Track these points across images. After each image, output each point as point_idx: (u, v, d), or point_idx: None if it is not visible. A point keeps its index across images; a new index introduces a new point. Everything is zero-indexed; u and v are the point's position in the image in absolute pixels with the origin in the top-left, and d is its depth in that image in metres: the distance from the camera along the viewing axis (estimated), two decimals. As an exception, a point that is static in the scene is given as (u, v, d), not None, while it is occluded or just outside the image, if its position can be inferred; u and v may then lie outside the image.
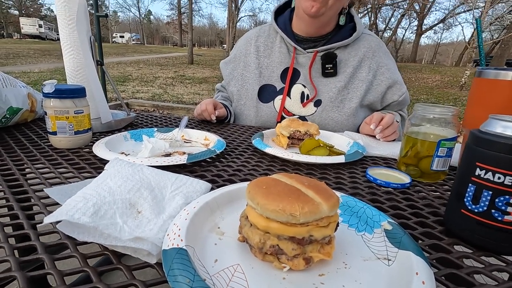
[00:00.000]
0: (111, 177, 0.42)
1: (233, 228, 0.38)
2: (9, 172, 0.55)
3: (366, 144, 0.80)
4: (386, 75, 0.95)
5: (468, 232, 0.38)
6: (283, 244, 0.32)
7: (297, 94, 0.97)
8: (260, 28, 1.07)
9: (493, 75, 0.55)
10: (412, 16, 23.72)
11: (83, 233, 0.32)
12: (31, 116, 0.91)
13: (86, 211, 0.33)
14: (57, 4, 0.76)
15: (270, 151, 0.69)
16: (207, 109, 0.95)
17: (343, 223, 0.42)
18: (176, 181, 0.45)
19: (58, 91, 0.64)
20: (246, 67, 1.03)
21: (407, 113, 1.01)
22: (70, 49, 0.79)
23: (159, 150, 0.67)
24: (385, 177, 0.59)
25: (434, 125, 0.58)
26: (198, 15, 28.98)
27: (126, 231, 0.33)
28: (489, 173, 0.35)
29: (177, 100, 5.67)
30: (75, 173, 0.56)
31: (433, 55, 43.34)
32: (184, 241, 0.32)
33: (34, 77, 6.98)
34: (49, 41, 28.79)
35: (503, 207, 0.35)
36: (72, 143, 0.68)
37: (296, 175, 0.38)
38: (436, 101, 7.23)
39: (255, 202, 0.33)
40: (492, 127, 0.36)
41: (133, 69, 10.19)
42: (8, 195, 0.46)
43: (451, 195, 0.42)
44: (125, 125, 0.91)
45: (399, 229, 0.38)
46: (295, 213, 0.30)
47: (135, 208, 0.37)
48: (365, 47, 0.96)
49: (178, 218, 0.36)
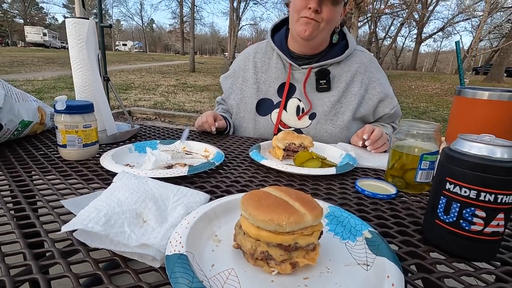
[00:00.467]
0: (119, 189, 0.46)
1: (229, 236, 0.42)
2: (23, 183, 0.59)
3: (358, 155, 0.84)
4: (377, 89, 1.00)
5: (441, 240, 0.42)
6: (272, 250, 0.36)
7: (293, 108, 1.02)
8: (258, 45, 1.13)
9: (471, 94, 0.60)
10: (412, 25, 24.01)
11: (95, 240, 0.36)
12: (40, 128, 0.96)
13: (98, 221, 0.37)
14: (68, 25, 0.82)
15: (266, 163, 0.73)
16: (208, 121, 1.00)
17: (330, 231, 0.46)
18: (177, 193, 0.50)
19: (68, 107, 0.69)
20: (245, 82, 1.09)
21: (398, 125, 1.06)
22: (79, 66, 0.84)
23: (161, 162, 0.71)
24: (373, 188, 0.64)
25: (418, 140, 0.63)
26: (200, 23, 29.46)
27: (133, 238, 0.37)
28: (457, 187, 0.39)
29: (179, 108, 5.74)
30: (84, 184, 0.61)
31: (433, 62, 43.67)
32: (185, 247, 0.36)
33: (38, 85, 7.09)
34: (53, 49, 29.20)
35: (470, 217, 0.39)
36: (80, 155, 0.73)
37: (286, 188, 0.42)
38: (435, 109, 7.28)
39: (248, 213, 0.37)
40: (460, 146, 0.41)
41: (136, 77, 10.33)
42: (25, 205, 0.51)
43: (427, 206, 0.46)
44: (129, 136, 0.96)
45: (378, 237, 0.42)
46: (282, 223, 0.34)
47: (141, 218, 0.42)
48: (358, 63, 1.01)
49: (180, 227, 0.41)
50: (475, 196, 0.38)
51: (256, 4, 15.35)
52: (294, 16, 0.94)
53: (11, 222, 0.45)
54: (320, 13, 0.90)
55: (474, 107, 0.59)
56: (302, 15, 0.91)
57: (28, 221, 0.46)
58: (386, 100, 1.01)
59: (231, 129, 1.12)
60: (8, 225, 0.45)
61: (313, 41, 0.96)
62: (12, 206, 0.50)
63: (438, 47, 42.37)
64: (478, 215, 0.38)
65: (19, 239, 0.41)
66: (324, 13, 0.90)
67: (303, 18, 0.91)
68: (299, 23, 0.93)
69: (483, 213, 0.38)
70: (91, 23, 0.82)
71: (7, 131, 0.79)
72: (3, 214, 0.48)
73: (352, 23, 12.13)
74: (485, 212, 0.38)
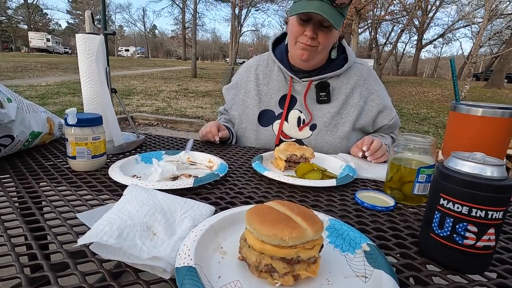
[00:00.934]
0: (130, 203, 0.49)
1: (234, 248, 0.45)
2: (36, 195, 0.62)
3: (358, 166, 0.87)
4: (376, 101, 1.03)
5: (436, 253, 0.45)
6: (275, 263, 0.38)
7: (294, 119, 1.05)
8: (259, 57, 1.16)
9: (465, 110, 0.62)
10: (412, 31, 24.19)
11: (109, 252, 0.39)
12: (49, 138, 0.98)
13: (112, 234, 0.40)
14: (78, 40, 0.85)
15: (268, 175, 0.76)
16: (211, 131, 1.03)
17: (330, 244, 0.48)
18: (184, 205, 0.52)
19: (79, 120, 0.72)
20: (247, 93, 1.12)
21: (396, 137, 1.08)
22: (88, 79, 0.87)
23: (167, 173, 0.74)
24: (372, 200, 0.66)
25: (415, 153, 0.65)
26: (202, 29, 29.77)
27: (144, 251, 0.39)
28: (450, 203, 0.42)
29: (180, 114, 5.79)
30: (94, 195, 0.63)
31: (434, 68, 43.85)
32: (193, 260, 0.38)
33: (41, 91, 7.16)
34: (56, 55, 29.49)
35: (462, 232, 0.41)
36: (89, 166, 0.76)
37: (288, 203, 0.44)
38: (436, 115, 7.30)
39: (252, 227, 0.39)
40: (453, 164, 0.43)
41: (138, 82, 10.42)
42: (39, 217, 0.53)
43: (423, 220, 0.48)
44: (135, 147, 0.98)
45: (376, 250, 0.44)
46: (285, 237, 0.37)
47: (151, 231, 0.44)
48: (357, 75, 1.04)
49: (187, 239, 0.43)
50: (467, 212, 0.40)
51: (257, 11, 15.54)
52: (292, 40, 0.98)
53: (27, 233, 0.48)
54: (317, 38, 0.93)
55: (468, 123, 0.62)
56: (299, 40, 0.95)
57: (43, 232, 0.48)
58: (385, 112, 1.04)
59: (234, 139, 1.15)
60: (22, 237, 0.47)
61: (311, 62, 1.01)
62: (25, 218, 0.53)
63: (438, 53, 42.59)
64: (470, 230, 0.41)
65: (35, 250, 0.44)
66: (320, 38, 0.94)
67: (300, 43, 0.95)
68: (296, 47, 0.97)
69: (475, 228, 0.40)
70: (101, 38, 0.85)
71: (18, 142, 0.82)
72: (19, 225, 0.50)
73: (353, 29, 12.24)
74: (477, 227, 0.40)
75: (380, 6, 16.98)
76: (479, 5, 14.58)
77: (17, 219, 0.52)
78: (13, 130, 0.78)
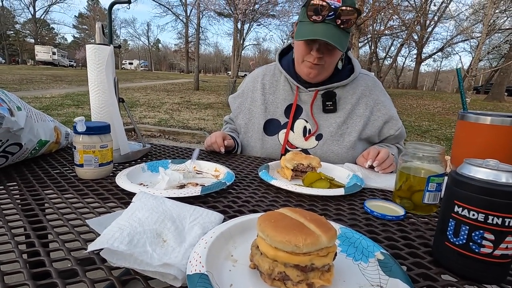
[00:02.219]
0: (139, 210, 0.48)
1: (244, 256, 0.44)
2: (42, 202, 0.61)
3: (365, 176, 0.86)
4: (382, 111, 1.04)
5: (451, 262, 0.43)
6: (289, 271, 0.37)
7: (300, 129, 1.05)
8: (266, 67, 1.18)
9: (473, 119, 0.62)
10: (411, 45, 24.56)
11: (120, 259, 0.38)
12: (56, 147, 0.99)
13: (122, 240, 0.39)
14: (89, 50, 0.87)
15: (275, 183, 0.75)
16: (217, 141, 1.03)
17: (342, 252, 0.47)
18: (193, 213, 0.52)
19: (88, 128, 0.73)
20: (253, 102, 1.12)
21: (404, 146, 1.08)
22: (96, 88, 0.89)
23: (174, 182, 0.73)
24: (381, 209, 0.65)
25: (424, 162, 0.65)
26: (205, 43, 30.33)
27: (155, 258, 0.39)
28: (465, 210, 0.41)
29: (183, 126, 5.82)
30: (101, 203, 0.63)
31: (434, 82, 44.24)
32: (205, 267, 0.37)
33: (46, 102, 7.24)
34: (61, 67, 30.01)
35: (479, 240, 0.40)
36: (96, 174, 0.75)
37: (300, 210, 0.44)
38: (438, 127, 7.30)
39: (265, 234, 0.39)
40: (466, 170, 0.43)
41: (141, 94, 10.53)
42: (46, 224, 0.52)
43: (436, 228, 0.47)
44: (141, 155, 0.98)
45: (390, 259, 0.43)
46: (299, 244, 0.36)
47: (161, 238, 0.43)
48: (363, 86, 1.05)
49: (198, 247, 0.42)
50: (483, 219, 0.40)
51: (259, 25, 15.84)
52: (299, 59, 0.99)
53: (34, 240, 0.47)
54: (323, 57, 0.94)
55: (477, 132, 0.62)
56: (306, 59, 0.97)
57: (50, 239, 0.48)
58: (391, 122, 1.04)
59: (239, 148, 1.15)
60: (33, 245, 0.46)
61: (318, 78, 1.02)
62: (32, 226, 0.52)
63: (438, 66, 43.07)
64: (487, 238, 0.40)
65: (44, 257, 0.43)
66: (326, 57, 0.95)
67: (307, 62, 0.96)
68: (303, 66, 0.99)
69: (492, 236, 0.40)
70: (111, 49, 0.87)
71: (26, 150, 0.82)
72: (27, 233, 0.49)
73: (353, 43, 12.45)
74: (494, 235, 0.39)
75: (379, 21, 17.32)
76: (477, 20, 14.86)
77: (24, 226, 0.51)
78: (22, 138, 0.78)
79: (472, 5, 16.26)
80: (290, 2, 13.32)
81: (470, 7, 16.82)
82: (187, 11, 20.12)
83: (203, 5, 12.64)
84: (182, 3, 19.69)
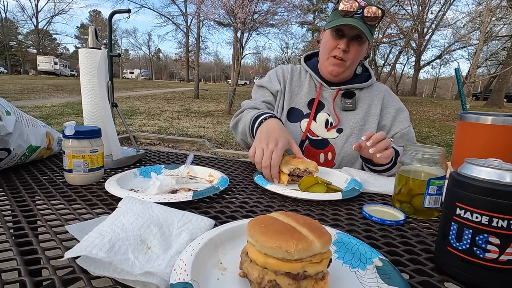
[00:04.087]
0: (124, 214, 0.46)
1: (234, 264, 0.41)
2: (27, 208, 0.59)
3: (363, 180, 0.83)
4: (393, 104, 1.10)
5: (454, 269, 0.41)
6: (280, 279, 0.35)
7: (322, 120, 1.09)
8: (292, 66, 1.23)
9: (474, 119, 0.60)
10: (410, 53, 24.74)
11: (99, 267, 0.35)
12: (47, 153, 0.97)
13: (102, 247, 0.37)
14: (81, 54, 0.86)
15: (270, 188, 0.73)
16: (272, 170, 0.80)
17: (338, 259, 0.45)
18: (182, 218, 0.49)
19: (76, 132, 0.71)
20: (281, 89, 1.15)
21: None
22: (89, 93, 0.87)
23: (166, 187, 0.71)
24: (381, 214, 0.62)
25: (424, 165, 0.62)
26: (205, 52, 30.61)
27: (137, 266, 0.36)
28: (467, 212, 0.39)
29: (182, 133, 5.80)
30: (88, 209, 0.60)
31: (433, 88, 44.42)
32: (190, 275, 0.35)
33: (46, 111, 7.26)
34: (63, 77, 30.26)
35: (484, 245, 0.38)
36: (86, 180, 0.73)
37: (293, 214, 0.41)
38: (438, 133, 7.29)
39: (255, 239, 0.36)
40: (467, 170, 0.40)
41: (141, 103, 10.57)
42: (28, 231, 0.50)
43: (438, 232, 0.44)
44: (134, 161, 0.96)
45: (389, 266, 0.40)
46: (290, 250, 0.34)
47: (145, 244, 0.41)
48: (377, 91, 1.13)
49: (184, 254, 0.40)
50: (487, 222, 0.37)
51: (258, 34, 16.00)
52: (325, 55, 1.06)
53: (13, 248, 0.45)
54: (348, 51, 1.00)
55: (477, 132, 0.59)
56: (332, 54, 1.02)
57: (31, 247, 0.45)
58: (402, 115, 1.08)
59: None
60: (10, 252, 0.44)
61: (340, 76, 1.08)
62: (13, 232, 0.50)
63: (436, 73, 43.33)
64: (492, 242, 0.37)
65: (20, 266, 0.40)
66: (351, 52, 1.01)
67: (331, 58, 1.03)
68: (328, 62, 1.05)
69: (497, 240, 0.37)
70: (103, 52, 0.86)
71: (15, 156, 0.80)
72: (6, 240, 0.47)
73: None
74: (499, 239, 0.37)
75: (377, 29, 17.52)
76: (474, 28, 15.00)
77: (4, 234, 0.49)
78: (10, 143, 0.76)
79: (469, 13, 16.44)
80: (289, 12, 13.48)
81: (467, 14, 17.00)
82: (187, 21, 20.38)
83: (203, 14, 12.80)
84: (183, 13, 19.97)
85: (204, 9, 12.42)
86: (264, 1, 11.96)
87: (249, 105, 1.11)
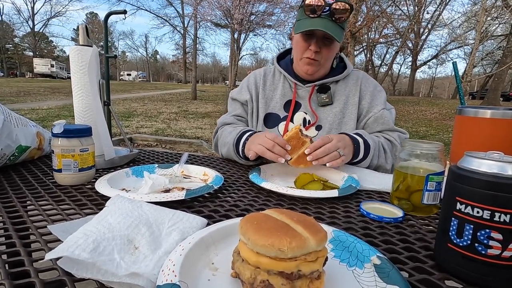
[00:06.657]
0: (111, 214, 0.44)
1: (226, 264, 0.39)
2: (13, 209, 0.57)
3: (361, 177, 0.82)
4: (369, 88, 1.07)
5: (455, 266, 0.39)
6: (273, 279, 0.33)
7: (300, 120, 1.07)
8: (266, 68, 1.21)
9: (472, 113, 0.59)
10: (406, 53, 24.84)
11: (81, 269, 0.34)
12: (38, 154, 0.94)
13: (85, 248, 0.35)
14: (72, 52, 0.84)
15: (266, 186, 0.71)
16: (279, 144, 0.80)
17: (335, 258, 0.43)
18: (173, 217, 0.47)
19: (66, 131, 0.69)
20: (255, 96, 1.14)
21: (398, 140, 1.02)
22: (80, 91, 0.85)
23: (159, 186, 0.69)
24: (379, 211, 0.61)
25: (422, 160, 0.61)
26: (202, 54, 30.54)
27: (122, 267, 0.34)
28: (468, 207, 0.37)
29: (180, 135, 5.77)
30: (77, 209, 0.58)
31: (430, 88, 44.61)
32: (178, 276, 0.33)
33: (42, 114, 7.20)
34: (59, 80, 30.10)
35: (485, 240, 0.36)
36: (76, 179, 0.71)
37: (287, 211, 0.40)
38: (435, 133, 7.30)
39: (246, 237, 0.34)
40: (468, 164, 0.39)
41: (138, 105, 10.52)
42: (12, 232, 0.48)
43: (438, 229, 0.43)
44: (127, 161, 0.94)
45: (388, 264, 0.38)
46: (283, 248, 0.32)
47: (132, 244, 0.39)
48: (354, 79, 1.10)
49: (174, 254, 0.38)
50: (489, 217, 0.36)
51: (256, 35, 16.00)
52: (298, 55, 1.04)
53: (-5, 250, 0.43)
54: (320, 52, 0.99)
55: (477, 126, 0.58)
56: (304, 55, 1.01)
57: (14, 249, 0.43)
58: (377, 97, 1.06)
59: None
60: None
61: (315, 75, 1.06)
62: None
63: (433, 73, 43.55)
64: (494, 238, 0.36)
65: (0, 268, 0.38)
66: (323, 52, 0.99)
67: (305, 58, 1.01)
68: (302, 63, 1.03)
69: (500, 236, 0.36)
70: (94, 49, 0.84)
71: (3, 156, 0.78)
72: (-12, 241, 0.45)
73: (349, 51, 12.57)
74: (502, 234, 0.35)
75: (374, 29, 17.56)
76: (470, 27, 15.09)
77: (-13, 235, 0.47)
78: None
79: (465, 13, 16.55)
80: (286, 13, 13.49)
81: (463, 14, 17.11)
82: (184, 22, 20.35)
83: (200, 16, 12.79)
84: (180, 15, 19.94)
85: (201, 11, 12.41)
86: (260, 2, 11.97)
87: (222, 122, 1.14)
